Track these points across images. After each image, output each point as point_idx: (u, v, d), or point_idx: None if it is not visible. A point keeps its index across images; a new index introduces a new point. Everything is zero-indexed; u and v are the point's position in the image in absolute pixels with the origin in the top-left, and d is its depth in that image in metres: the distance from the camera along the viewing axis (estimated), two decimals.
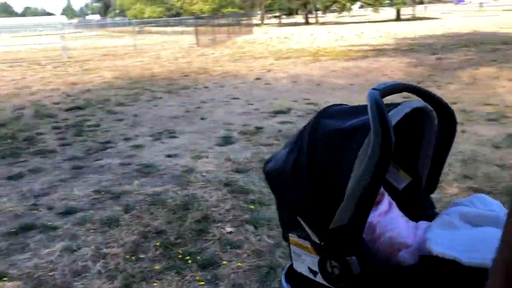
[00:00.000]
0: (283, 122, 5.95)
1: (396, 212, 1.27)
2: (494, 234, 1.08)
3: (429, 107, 1.25)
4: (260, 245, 2.88)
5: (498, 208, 1.18)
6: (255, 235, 3.01)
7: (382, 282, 1.11)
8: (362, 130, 1.10)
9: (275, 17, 48.39)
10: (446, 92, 7.37)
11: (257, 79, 9.85)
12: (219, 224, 3.19)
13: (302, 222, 1.26)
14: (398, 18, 35.62)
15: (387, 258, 1.17)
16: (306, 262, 1.34)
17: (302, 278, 1.35)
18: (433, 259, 1.05)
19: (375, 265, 1.13)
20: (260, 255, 2.76)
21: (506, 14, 30.40)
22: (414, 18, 36.10)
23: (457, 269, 1.01)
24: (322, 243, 1.18)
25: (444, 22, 27.77)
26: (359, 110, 1.25)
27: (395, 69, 9.99)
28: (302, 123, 5.74)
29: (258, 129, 5.69)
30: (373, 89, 1.15)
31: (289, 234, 1.36)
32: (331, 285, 1.18)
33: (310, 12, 44.38)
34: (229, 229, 3.11)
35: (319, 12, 46.78)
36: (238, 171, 4.21)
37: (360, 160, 1.09)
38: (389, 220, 1.22)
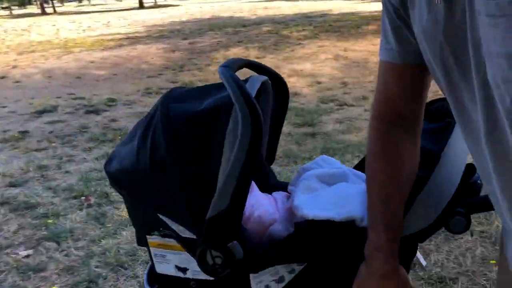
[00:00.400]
0: (52, 122, 5.35)
1: (256, 189, 1.27)
2: (349, 189, 1.19)
3: (268, 80, 1.28)
4: (70, 260, 2.55)
5: (339, 165, 1.30)
6: (59, 251, 2.65)
7: (265, 260, 1.10)
8: (224, 109, 1.05)
9: (4, 8, 42.75)
10: (208, 73, 7.81)
11: (2, 77, 8.58)
12: (9, 250, 2.69)
13: (167, 220, 1.15)
14: (141, 6, 35.72)
15: (261, 236, 1.16)
16: (172, 262, 1.24)
17: (167, 279, 1.24)
18: (309, 224, 1.09)
19: (255, 246, 1.11)
20: (73, 270, 2.45)
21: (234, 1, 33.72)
22: (156, 6, 36.81)
23: (332, 227, 1.07)
24: (199, 236, 1.10)
25: (186, 8, 29.17)
26: (209, 90, 1.19)
27: (154, 56, 10.06)
28: (75, 121, 5.32)
29: (23, 133, 4.98)
30: (223, 66, 1.10)
31: (148, 237, 1.23)
32: (214, 276, 1.12)
33: (46, 2, 40.70)
34: (24, 253, 2.66)
35: (56, 1, 43.32)
36: (14, 185, 3.61)
37: (229, 140, 1.04)
38: (254, 199, 1.22)
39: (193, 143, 1.06)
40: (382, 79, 0.92)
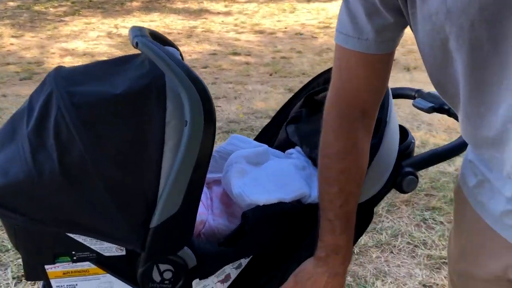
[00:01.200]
0: None
1: None
2: (281, 166, 1.12)
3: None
4: None
5: (255, 142, 1.21)
6: None
7: (219, 260, 0.96)
8: (155, 89, 0.85)
9: None
10: None
11: None
12: None
13: (84, 241, 0.89)
14: None
15: (197, 237, 1.00)
16: None
17: None
18: (262, 209, 0.99)
19: (202, 248, 0.95)
20: None
21: None
22: None
23: (285, 208, 1.00)
24: (140, 250, 0.87)
25: None
26: (110, 67, 0.94)
27: None
28: None
29: None
30: (140, 36, 0.89)
31: (48, 267, 0.93)
32: None
33: None
34: None
35: None
36: None
37: (173, 127, 0.85)
38: None
39: (120, 135, 0.84)
40: (348, 72, 0.87)
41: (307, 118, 1.22)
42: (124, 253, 0.92)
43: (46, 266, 0.93)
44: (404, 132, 1.05)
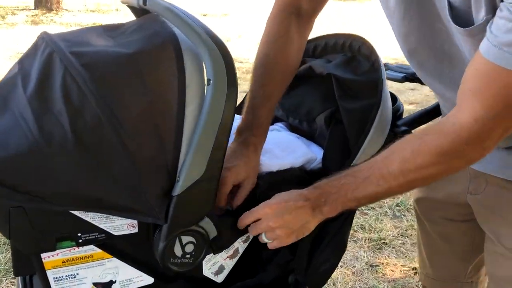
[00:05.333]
0: None
1: None
2: (280, 135, 1.12)
3: None
4: None
5: (239, 116, 1.19)
6: None
7: (235, 230, 0.91)
8: (171, 49, 0.80)
9: None
10: None
11: None
12: None
13: (93, 220, 0.80)
14: None
15: None
16: (88, 279, 0.87)
17: None
18: (272, 176, 0.97)
19: (220, 217, 0.90)
20: None
21: None
22: None
23: (292, 174, 1.00)
24: (163, 222, 0.80)
25: None
26: (106, 31, 0.87)
27: None
28: None
29: None
30: None
31: (44, 256, 0.81)
32: (183, 269, 0.84)
33: None
34: None
35: None
36: None
37: (193, 90, 0.80)
38: None
39: (140, 96, 0.78)
40: None
41: (287, 93, 1.22)
42: (136, 230, 0.84)
43: (43, 255, 0.81)
44: (393, 97, 1.10)
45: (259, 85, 1.04)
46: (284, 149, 1.03)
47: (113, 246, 0.85)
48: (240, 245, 0.98)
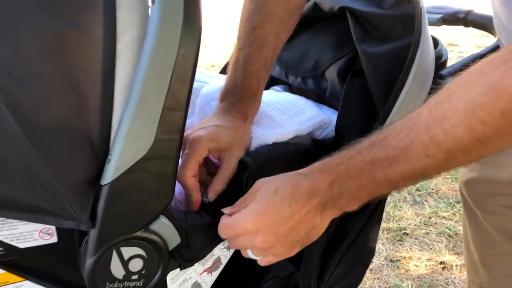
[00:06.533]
0: None
1: None
2: (277, 95, 0.81)
3: None
4: None
5: (222, 76, 0.89)
6: None
7: (211, 235, 0.62)
8: None
9: None
10: None
11: None
12: None
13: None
14: None
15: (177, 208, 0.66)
16: None
17: None
18: (266, 152, 0.67)
19: (189, 216, 0.60)
20: None
21: None
22: None
23: (295, 148, 0.69)
24: (86, 227, 0.50)
25: None
26: None
27: None
28: None
29: None
30: None
31: None
32: None
33: None
34: None
35: None
36: None
37: (131, 10, 0.50)
38: None
39: (39, 33, 0.47)
40: None
41: (286, 43, 0.92)
42: (55, 239, 0.55)
43: None
44: (433, 40, 0.79)
45: (248, 29, 0.72)
46: (285, 111, 0.72)
47: (22, 263, 0.56)
48: (221, 252, 0.68)
